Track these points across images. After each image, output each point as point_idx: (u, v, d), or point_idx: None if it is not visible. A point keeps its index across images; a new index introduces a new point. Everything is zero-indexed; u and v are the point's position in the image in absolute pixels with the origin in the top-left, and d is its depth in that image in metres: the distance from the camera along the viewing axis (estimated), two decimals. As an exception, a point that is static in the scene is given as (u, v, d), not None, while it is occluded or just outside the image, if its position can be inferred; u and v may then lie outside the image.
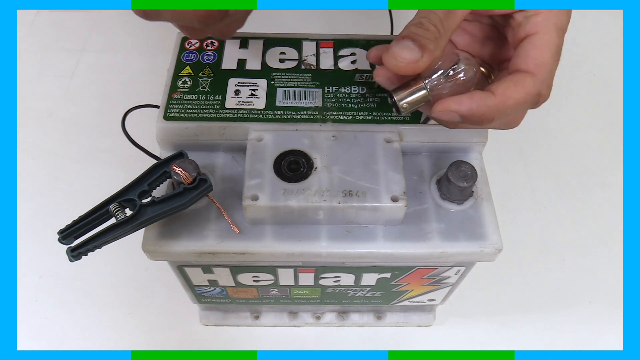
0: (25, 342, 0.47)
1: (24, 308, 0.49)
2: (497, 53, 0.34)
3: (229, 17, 0.30)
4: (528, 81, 0.29)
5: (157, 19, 0.30)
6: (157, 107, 0.36)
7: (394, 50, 0.29)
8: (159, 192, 0.33)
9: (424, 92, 0.30)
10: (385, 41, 0.40)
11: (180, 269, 0.37)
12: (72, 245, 0.30)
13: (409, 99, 0.30)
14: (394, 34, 0.58)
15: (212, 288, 0.41)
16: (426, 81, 0.30)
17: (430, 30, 0.29)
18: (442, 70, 0.30)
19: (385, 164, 0.33)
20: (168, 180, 0.33)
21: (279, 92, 0.37)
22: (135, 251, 0.34)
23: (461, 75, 0.30)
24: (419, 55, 0.29)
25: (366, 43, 0.40)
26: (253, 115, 0.35)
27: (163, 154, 0.36)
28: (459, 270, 0.38)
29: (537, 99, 0.30)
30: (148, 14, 0.29)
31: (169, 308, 0.50)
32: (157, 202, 0.31)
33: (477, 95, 0.29)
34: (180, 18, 0.30)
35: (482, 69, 0.33)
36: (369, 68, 0.38)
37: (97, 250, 0.31)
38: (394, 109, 0.30)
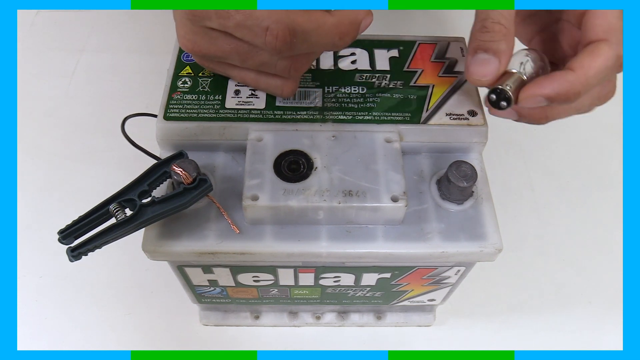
0: (25, 342, 0.47)
1: (24, 308, 0.49)
2: (571, 41, 0.35)
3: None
4: (603, 48, 0.29)
5: (294, 49, 0.29)
6: (155, 116, 0.36)
7: (474, 70, 0.30)
8: (159, 192, 0.33)
9: (517, 75, 0.31)
10: (386, 41, 0.40)
11: (180, 269, 0.37)
12: (72, 245, 0.30)
13: (509, 82, 0.30)
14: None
15: (212, 288, 0.41)
16: (512, 70, 0.31)
17: (496, 30, 0.30)
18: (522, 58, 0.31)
19: (385, 164, 0.33)
20: (168, 180, 0.33)
21: (279, 92, 0.37)
22: (135, 251, 0.34)
23: (536, 65, 0.31)
24: (497, 63, 0.30)
25: (366, 43, 0.40)
26: (253, 115, 0.35)
27: (163, 154, 0.36)
28: (459, 270, 0.38)
29: (619, 62, 0.30)
30: (283, 49, 0.29)
31: (169, 308, 0.50)
32: (157, 202, 0.31)
33: (556, 74, 0.29)
34: (322, 42, 0.29)
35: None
36: (369, 68, 0.38)
37: (97, 250, 0.31)
38: (497, 106, 0.31)
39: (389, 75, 0.38)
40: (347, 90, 0.37)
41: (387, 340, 0.49)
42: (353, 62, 0.39)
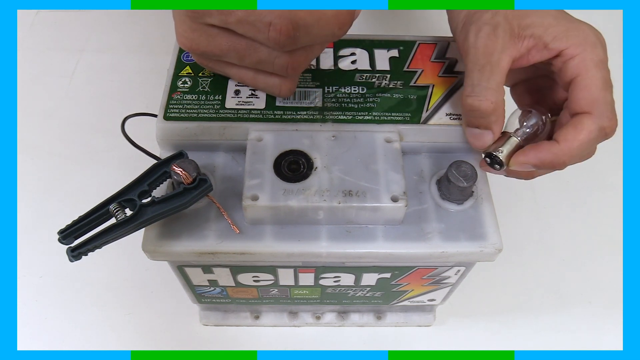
0: (25, 342, 0.47)
1: (24, 308, 0.49)
2: (558, 97, 0.36)
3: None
4: (586, 121, 0.31)
5: (297, 43, 0.29)
6: (155, 116, 0.36)
7: (471, 142, 0.34)
8: (159, 192, 0.33)
9: (513, 139, 0.33)
10: (386, 41, 0.40)
11: (180, 269, 0.37)
12: (72, 245, 0.30)
13: (504, 147, 0.33)
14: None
15: (212, 288, 0.41)
16: (511, 132, 0.33)
17: (483, 108, 0.32)
18: (519, 124, 0.34)
19: (385, 164, 0.33)
20: (168, 180, 0.33)
21: (279, 92, 0.37)
22: (135, 251, 0.34)
23: (533, 128, 0.33)
24: (490, 134, 0.33)
25: (366, 43, 0.40)
26: (253, 115, 0.35)
27: (163, 154, 0.36)
28: (459, 270, 0.38)
29: (604, 132, 0.31)
30: (286, 44, 0.29)
31: (169, 308, 0.50)
32: (157, 202, 0.31)
33: (542, 145, 0.32)
34: (324, 33, 0.30)
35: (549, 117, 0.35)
36: (369, 68, 0.38)
37: (97, 250, 0.31)
38: (495, 166, 0.33)
39: (389, 75, 0.38)
40: (347, 90, 0.37)
41: (387, 340, 0.49)
42: (353, 62, 0.39)
